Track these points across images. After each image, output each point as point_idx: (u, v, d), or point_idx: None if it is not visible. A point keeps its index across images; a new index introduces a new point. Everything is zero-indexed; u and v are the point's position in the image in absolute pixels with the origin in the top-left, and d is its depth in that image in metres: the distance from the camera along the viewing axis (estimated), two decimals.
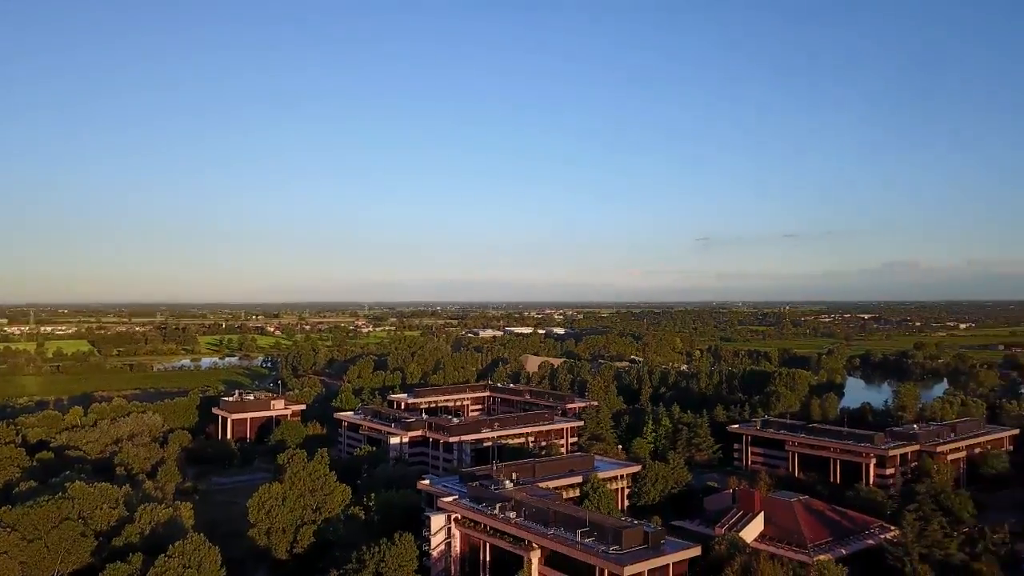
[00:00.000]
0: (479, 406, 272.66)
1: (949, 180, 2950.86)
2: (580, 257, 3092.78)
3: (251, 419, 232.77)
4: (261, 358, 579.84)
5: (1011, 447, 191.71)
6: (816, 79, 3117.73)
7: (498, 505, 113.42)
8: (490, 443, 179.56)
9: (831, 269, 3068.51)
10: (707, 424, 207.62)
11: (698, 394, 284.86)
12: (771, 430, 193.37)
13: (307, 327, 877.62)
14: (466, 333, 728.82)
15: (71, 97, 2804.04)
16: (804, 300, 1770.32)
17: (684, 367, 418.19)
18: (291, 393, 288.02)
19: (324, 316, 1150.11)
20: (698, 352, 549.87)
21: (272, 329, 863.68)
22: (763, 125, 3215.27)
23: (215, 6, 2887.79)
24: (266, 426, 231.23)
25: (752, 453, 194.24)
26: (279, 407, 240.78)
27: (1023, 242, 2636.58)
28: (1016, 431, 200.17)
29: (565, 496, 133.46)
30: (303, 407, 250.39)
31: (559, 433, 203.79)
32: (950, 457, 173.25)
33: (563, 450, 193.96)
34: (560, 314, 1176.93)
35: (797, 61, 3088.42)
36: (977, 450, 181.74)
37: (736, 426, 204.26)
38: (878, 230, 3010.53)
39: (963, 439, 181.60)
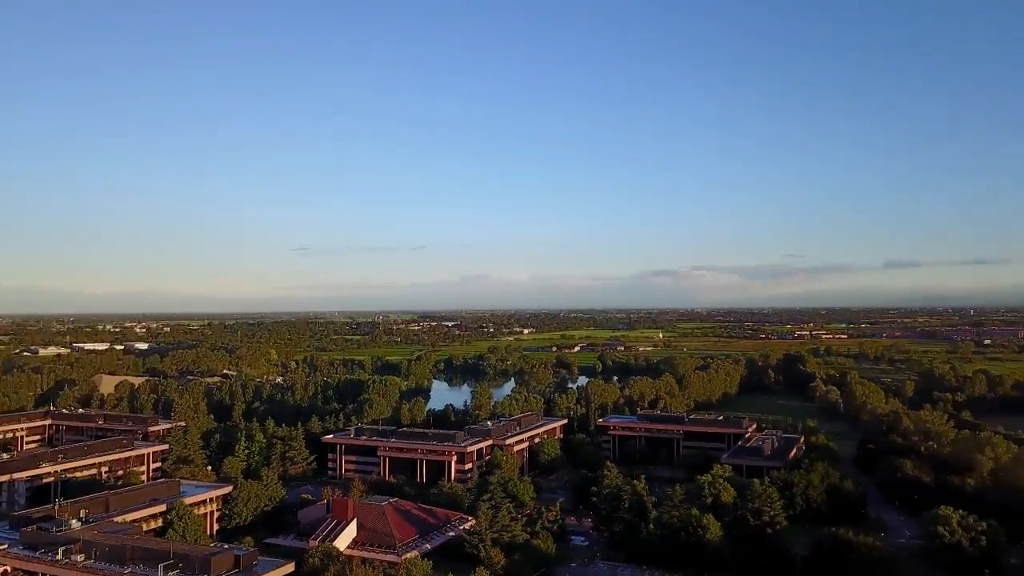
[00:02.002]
0: (37, 437, 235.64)
1: (516, 207, 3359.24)
2: (167, 263, 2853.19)
3: None
4: None
5: (562, 435, 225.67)
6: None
7: (61, 550, 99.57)
8: (52, 479, 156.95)
9: (419, 281, 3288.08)
10: (302, 436, 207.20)
11: (294, 406, 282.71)
12: (364, 437, 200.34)
13: None
14: (22, 351, 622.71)
15: None
16: (396, 309, 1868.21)
17: (280, 379, 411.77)
18: None
19: None
20: (294, 363, 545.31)
21: None
22: (372, 136, 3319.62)
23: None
24: None
25: (347, 461, 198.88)
26: None
27: (577, 260, 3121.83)
28: (565, 420, 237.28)
29: (146, 528, 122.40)
30: None
31: (140, 460, 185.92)
32: (516, 448, 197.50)
33: (144, 478, 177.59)
34: (143, 327, 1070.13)
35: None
36: (536, 440, 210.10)
37: (331, 436, 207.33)
38: (455, 247, 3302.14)
39: (526, 431, 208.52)
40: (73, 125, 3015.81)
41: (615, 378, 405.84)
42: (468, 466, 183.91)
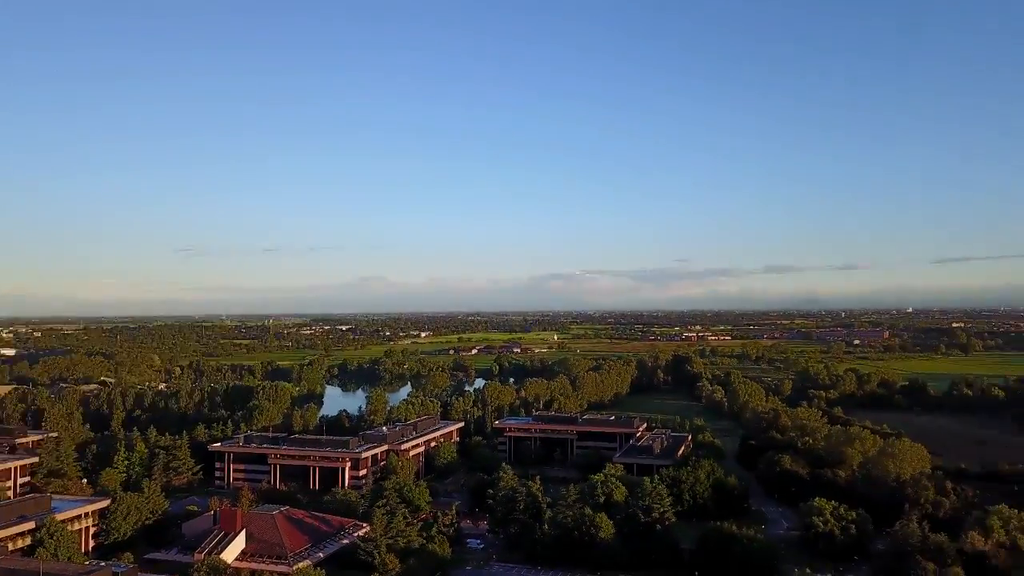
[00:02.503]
0: None
1: (413, 208, 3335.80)
2: (37, 264, 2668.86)
3: None
4: None
5: (459, 438, 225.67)
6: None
7: None
8: None
9: (314, 283, 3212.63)
10: (187, 445, 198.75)
11: (178, 414, 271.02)
12: (254, 445, 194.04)
13: None
14: None
15: None
16: (288, 313, 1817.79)
17: (163, 386, 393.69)
18: None
19: None
20: (178, 369, 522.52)
21: None
22: (260, 130, 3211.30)
23: None
24: None
25: (235, 470, 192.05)
26: None
27: (475, 263, 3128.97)
28: (462, 424, 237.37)
29: (12, 548, 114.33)
30: None
31: (6, 474, 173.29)
32: (412, 453, 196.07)
33: (11, 494, 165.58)
34: (9, 331, 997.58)
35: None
36: (433, 444, 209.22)
37: (218, 444, 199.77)
38: (352, 248, 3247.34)
39: (422, 436, 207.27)
40: None
41: (511, 380, 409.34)
42: (363, 472, 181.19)
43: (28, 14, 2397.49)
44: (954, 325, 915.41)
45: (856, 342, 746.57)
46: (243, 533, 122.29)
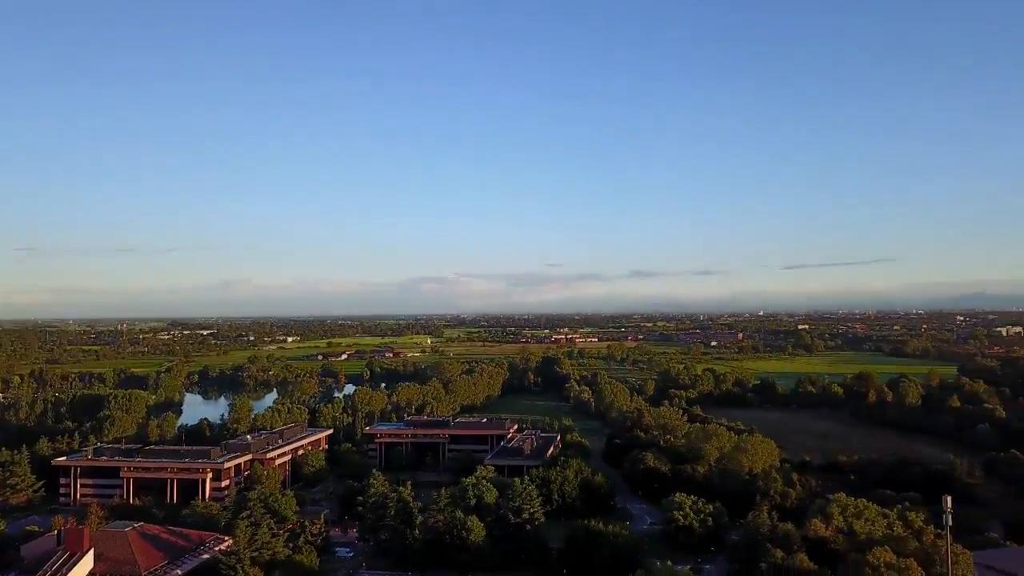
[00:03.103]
0: None
1: (278, 207, 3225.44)
2: None
3: None
4: None
5: (326, 445, 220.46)
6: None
7: None
8: None
9: (173, 285, 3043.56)
10: (27, 460, 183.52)
11: (17, 427, 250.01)
12: (104, 458, 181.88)
13: None
14: None
15: None
16: (144, 316, 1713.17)
17: (0, 397, 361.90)
18: None
19: None
20: (18, 378, 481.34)
21: None
22: (113, 125, 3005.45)
23: None
24: None
25: (83, 486, 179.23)
26: None
27: (345, 265, 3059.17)
28: (331, 431, 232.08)
29: None
30: None
31: None
32: (278, 462, 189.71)
33: None
34: None
35: None
36: (300, 452, 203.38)
37: (63, 458, 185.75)
38: (214, 249, 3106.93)
39: (289, 444, 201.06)
40: None
41: (383, 385, 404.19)
42: (225, 483, 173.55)
43: None
44: (800, 327, 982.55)
45: (713, 343, 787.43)
46: (91, 553, 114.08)
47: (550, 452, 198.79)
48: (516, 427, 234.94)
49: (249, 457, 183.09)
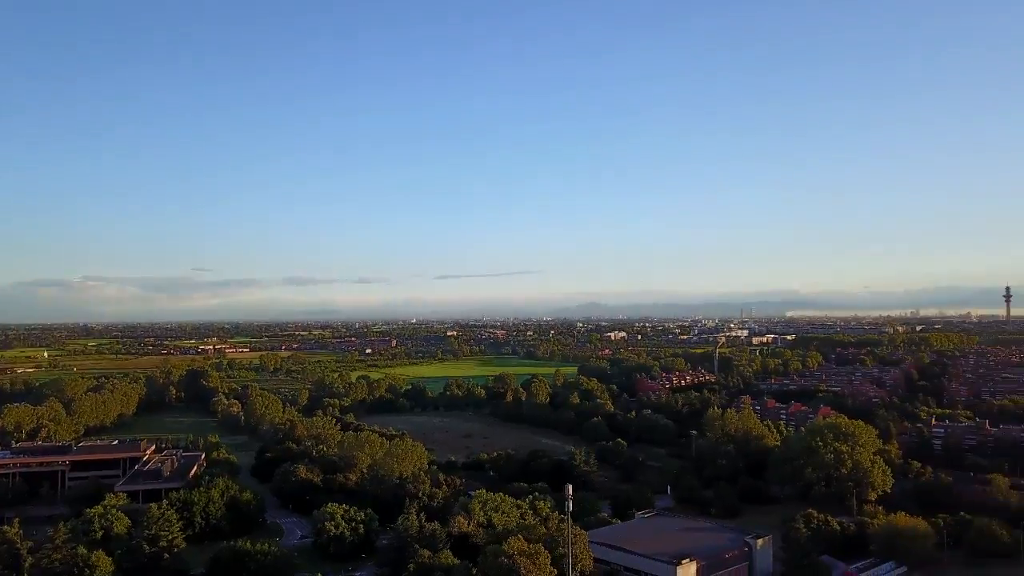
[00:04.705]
0: None
1: None
2: None
3: None
4: None
5: None
6: None
7: None
8: None
9: None
10: None
11: None
12: None
13: None
14: None
15: None
16: None
17: None
18: None
19: None
20: None
21: None
22: None
23: None
24: None
25: None
26: None
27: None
28: None
29: None
30: None
31: None
32: None
33: None
34: None
35: None
36: None
37: None
38: None
39: None
40: None
41: None
42: None
43: None
44: (449, 334, 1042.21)
45: (368, 351, 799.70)
46: None
47: (193, 472, 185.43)
48: (154, 448, 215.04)
49: None
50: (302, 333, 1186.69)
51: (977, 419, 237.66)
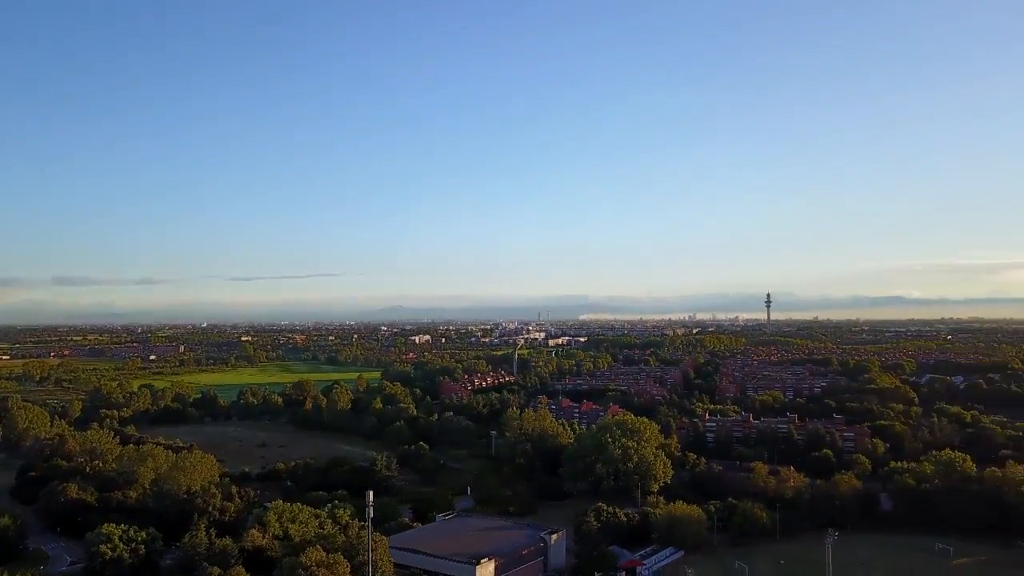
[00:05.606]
0: None
1: None
2: None
3: None
4: None
5: None
6: None
7: None
8: None
9: None
10: None
11: None
12: None
13: None
14: None
15: None
16: None
17: None
18: None
19: None
20: None
21: None
22: None
23: None
24: None
25: None
26: None
27: None
28: None
29: None
30: None
31: None
32: None
33: None
34: None
35: None
36: None
37: None
38: None
39: None
40: None
41: None
42: None
43: None
44: (243, 339, 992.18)
45: (152, 357, 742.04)
46: None
47: None
48: None
49: None
50: (76, 338, 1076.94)
51: (743, 413, 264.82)
